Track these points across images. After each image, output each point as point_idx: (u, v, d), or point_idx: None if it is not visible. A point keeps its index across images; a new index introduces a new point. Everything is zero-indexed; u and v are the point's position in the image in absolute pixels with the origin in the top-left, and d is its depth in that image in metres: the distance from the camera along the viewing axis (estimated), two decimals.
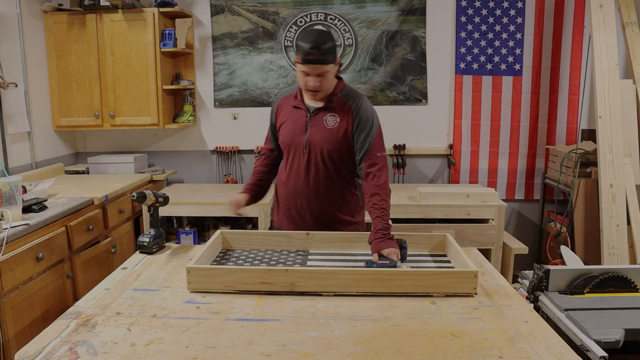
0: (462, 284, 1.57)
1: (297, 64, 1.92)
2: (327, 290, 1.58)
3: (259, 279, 1.57)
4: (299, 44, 1.87)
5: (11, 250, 2.24)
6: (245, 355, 1.23)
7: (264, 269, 1.57)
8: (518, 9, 3.93)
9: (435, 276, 1.57)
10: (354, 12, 4.01)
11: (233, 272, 1.59)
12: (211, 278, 1.58)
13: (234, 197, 2.11)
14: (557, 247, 3.38)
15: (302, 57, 1.86)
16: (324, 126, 1.99)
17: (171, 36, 3.79)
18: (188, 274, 1.58)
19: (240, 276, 1.58)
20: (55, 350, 1.25)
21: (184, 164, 4.26)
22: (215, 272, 1.59)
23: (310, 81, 1.90)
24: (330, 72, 1.92)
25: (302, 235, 2.00)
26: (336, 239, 2.00)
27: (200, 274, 1.59)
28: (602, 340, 1.41)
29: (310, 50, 1.83)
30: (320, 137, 1.99)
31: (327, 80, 1.93)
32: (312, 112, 2.01)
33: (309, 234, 2.00)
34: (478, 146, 4.10)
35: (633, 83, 3.41)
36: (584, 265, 1.97)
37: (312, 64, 1.86)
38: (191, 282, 1.59)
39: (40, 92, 3.74)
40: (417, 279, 1.57)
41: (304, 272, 1.57)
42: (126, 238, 3.44)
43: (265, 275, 1.57)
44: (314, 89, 1.92)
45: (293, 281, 1.57)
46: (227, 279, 1.58)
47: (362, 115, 1.98)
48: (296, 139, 2.03)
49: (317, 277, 1.57)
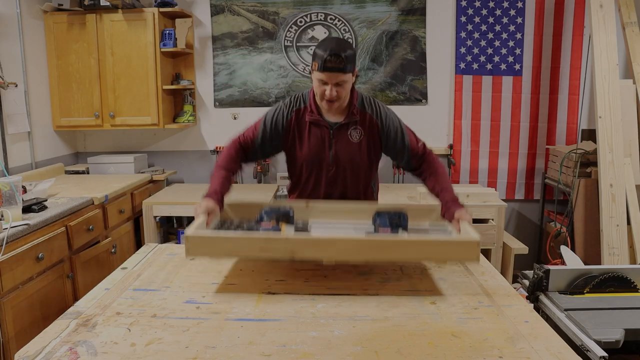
0: (464, 253, 1.53)
1: (314, 72, 1.84)
2: (328, 258, 1.55)
3: (259, 246, 1.53)
4: (317, 51, 1.81)
5: (11, 250, 2.24)
6: (245, 355, 1.23)
7: (264, 237, 1.54)
8: (518, 9, 3.93)
9: (437, 245, 1.53)
10: (354, 12, 4.01)
11: (232, 239, 1.54)
12: (210, 245, 1.54)
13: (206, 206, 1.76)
14: (557, 247, 3.38)
15: (320, 65, 1.79)
16: (349, 141, 1.96)
17: (171, 36, 3.79)
18: (187, 242, 1.53)
19: (239, 243, 1.53)
20: (55, 350, 1.25)
21: (184, 164, 4.26)
22: (214, 240, 1.55)
23: (328, 90, 1.82)
24: (348, 83, 1.85)
25: (302, 205, 1.96)
26: (337, 210, 1.96)
27: (199, 241, 1.54)
28: (602, 340, 1.41)
29: (329, 57, 1.76)
30: (346, 152, 1.96)
31: (345, 91, 1.85)
32: (335, 127, 1.95)
33: (308, 204, 1.96)
34: (478, 146, 4.10)
35: (633, 83, 3.41)
36: (584, 265, 1.98)
37: (331, 72, 1.79)
38: (190, 249, 1.53)
39: (40, 92, 3.74)
40: (419, 248, 1.53)
41: (303, 240, 1.54)
42: (126, 238, 3.44)
43: (264, 242, 1.52)
44: (330, 99, 1.84)
45: (293, 248, 1.52)
46: (227, 246, 1.54)
47: (389, 126, 1.96)
48: (320, 155, 1.97)
49: (318, 245, 1.53)
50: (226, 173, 1.91)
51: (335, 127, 1.95)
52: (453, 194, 1.85)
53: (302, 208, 1.96)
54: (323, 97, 1.85)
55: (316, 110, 1.95)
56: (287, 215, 1.80)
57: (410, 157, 1.98)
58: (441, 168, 1.97)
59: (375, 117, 1.96)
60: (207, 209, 1.74)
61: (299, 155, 1.99)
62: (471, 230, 1.61)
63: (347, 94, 1.89)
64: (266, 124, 1.98)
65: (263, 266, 1.84)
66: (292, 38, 4.05)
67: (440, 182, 1.91)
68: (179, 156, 4.26)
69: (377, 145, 2.00)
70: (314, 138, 1.96)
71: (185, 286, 1.66)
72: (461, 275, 1.76)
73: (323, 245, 1.53)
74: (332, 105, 1.88)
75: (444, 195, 1.85)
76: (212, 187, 1.84)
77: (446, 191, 1.86)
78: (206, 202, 1.76)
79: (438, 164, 1.97)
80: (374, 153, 2.01)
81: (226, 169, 1.93)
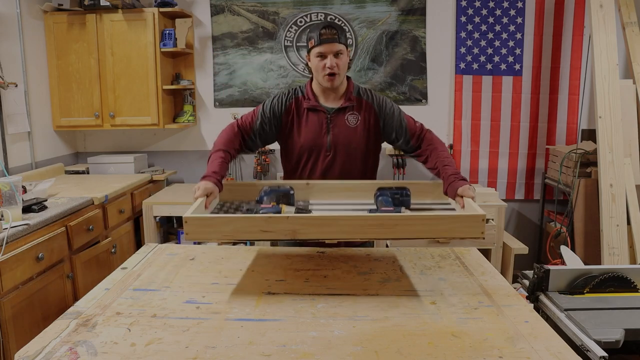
0: (469, 229, 1.48)
1: (312, 50, 1.93)
2: (330, 237, 1.51)
3: (259, 227, 1.48)
4: (311, 32, 1.91)
5: (11, 250, 2.24)
6: (245, 355, 1.23)
7: (264, 217, 1.49)
8: (518, 9, 3.93)
9: (441, 221, 1.49)
10: (354, 12, 4.01)
11: (232, 221, 1.50)
12: (210, 227, 1.49)
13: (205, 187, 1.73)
14: (557, 247, 3.38)
15: (317, 39, 1.89)
16: (346, 125, 1.99)
17: (171, 36, 3.79)
18: (185, 224, 1.49)
19: (239, 225, 1.49)
20: (55, 350, 1.25)
21: (184, 164, 4.26)
22: (213, 222, 1.51)
23: (328, 61, 1.90)
24: (344, 55, 1.93)
25: (303, 185, 1.94)
26: (338, 188, 1.93)
27: (198, 223, 1.49)
28: (602, 340, 1.41)
29: (324, 30, 1.88)
30: (344, 137, 1.99)
31: (343, 63, 1.93)
32: (332, 112, 2.00)
33: (309, 183, 1.94)
34: (478, 146, 4.10)
35: (633, 83, 3.41)
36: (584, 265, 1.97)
37: (329, 43, 1.88)
38: (189, 231, 1.49)
39: (40, 92, 3.74)
40: (422, 224, 1.49)
41: (305, 219, 1.49)
42: (126, 238, 3.44)
43: (265, 223, 1.48)
44: (331, 69, 1.90)
45: (294, 228, 1.48)
46: (226, 228, 1.49)
47: (385, 107, 2.02)
48: (317, 141, 1.99)
49: (320, 224, 1.49)
50: (224, 154, 1.90)
51: (333, 112, 1.99)
52: (455, 168, 1.83)
53: (303, 187, 1.93)
54: (324, 70, 1.91)
55: (313, 98, 2.01)
56: (288, 195, 1.78)
57: (409, 137, 2.00)
58: (441, 145, 1.96)
59: (371, 102, 2.02)
60: (206, 191, 1.71)
61: (297, 141, 2.02)
62: (475, 206, 1.58)
63: (344, 68, 1.96)
64: (265, 109, 2.02)
65: (263, 266, 1.84)
66: (292, 38, 4.05)
67: (441, 158, 1.90)
68: (179, 156, 4.26)
69: (375, 129, 2.02)
70: (312, 124, 2.00)
71: (185, 286, 1.66)
72: (461, 275, 1.76)
73: (325, 224, 1.48)
74: (333, 80, 1.93)
75: (446, 170, 1.83)
76: (211, 168, 1.82)
77: (448, 167, 1.84)
78: (205, 183, 1.73)
79: (438, 142, 1.98)
80: (372, 139, 2.03)
81: (224, 151, 1.91)
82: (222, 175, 1.82)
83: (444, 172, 1.83)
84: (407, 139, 2.01)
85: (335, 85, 1.96)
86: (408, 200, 1.76)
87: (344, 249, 2.04)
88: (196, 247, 2.10)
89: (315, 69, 1.95)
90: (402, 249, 2.06)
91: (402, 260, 1.90)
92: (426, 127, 2.03)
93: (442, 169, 1.85)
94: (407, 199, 1.76)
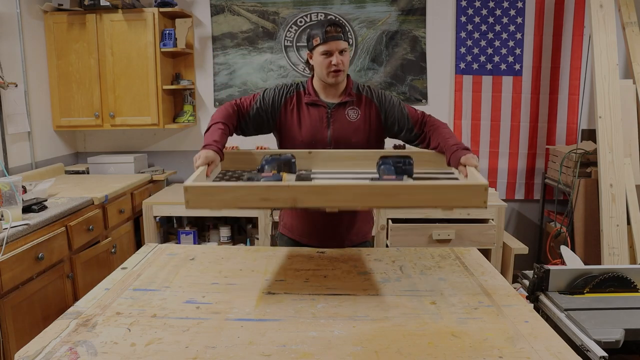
0: (471, 198, 1.46)
1: (316, 48, 1.94)
2: (331, 205, 1.50)
3: (260, 195, 1.47)
4: (314, 30, 1.93)
5: (11, 250, 2.24)
6: (245, 355, 1.23)
7: (265, 185, 1.48)
8: (518, 9, 3.93)
9: (443, 189, 1.48)
10: (354, 12, 4.01)
11: (232, 189, 1.49)
12: (210, 196, 1.49)
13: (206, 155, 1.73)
14: (557, 247, 3.38)
15: (322, 37, 1.91)
16: (347, 120, 2.01)
17: (171, 36, 3.79)
18: (186, 193, 1.48)
19: (239, 193, 1.48)
20: (55, 350, 1.25)
21: (184, 164, 4.26)
22: (213, 190, 1.50)
23: (334, 58, 1.92)
24: (347, 53, 1.96)
25: (305, 154, 1.93)
26: (341, 157, 1.93)
27: (198, 192, 1.49)
28: (602, 340, 1.41)
29: (329, 27, 1.90)
30: (345, 131, 2.00)
31: (347, 60, 1.97)
32: (332, 107, 2.01)
33: (311, 152, 1.94)
34: (478, 146, 4.10)
35: (633, 83, 3.41)
36: (584, 265, 1.97)
37: (334, 40, 1.91)
38: (189, 200, 1.49)
39: (40, 92, 3.75)
40: (424, 193, 1.47)
41: (306, 188, 1.48)
42: (126, 238, 3.44)
43: (265, 191, 1.47)
44: (337, 67, 1.92)
45: (295, 197, 1.46)
46: (227, 197, 1.48)
47: (385, 99, 2.03)
48: (318, 136, 2.00)
49: (320, 192, 1.47)
50: (224, 126, 1.89)
51: (333, 107, 2.01)
52: (456, 139, 1.84)
53: (305, 155, 1.93)
54: (330, 68, 1.93)
55: (314, 93, 2.03)
56: (289, 162, 1.78)
57: (412, 125, 2.00)
58: (443, 125, 1.96)
59: (371, 97, 2.04)
60: (207, 159, 1.71)
61: (297, 135, 2.02)
62: (478, 175, 1.58)
63: (348, 65, 1.98)
64: (265, 96, 2.03)
65: (263, 266, 1.84)
66: (292, 38, 4.05)
67: (443, 134, 1.89)
68: (179, 156, 4.26)
69: (377, 124, 2.02)
70: (313, 119, 2.01)
71: (185, 286, 1.66)
72: (461, 275, 1.76)
73: (326, 192, 1.47)
74: (338, 77, 1.96)
75: (447, 141, 1.83)
76: (211, 137, 1.81)
77: (449, 139, 1.84)
78: (205, 152, 1.73)
79: (439, 122, 1.97)
80: (373, 134, 2.03)
81: (223, 123, 1.90)
82: (223, 144, 1.82)
83: (445, 143, 1.83)
84: (409, 127, 2.01)
85: (339, 81, 1.98)
86: (411, 169, 1.75)
87: (343, 250, 2.04)
88: (196, 247, 2.10)
89: (320, 66, 1.96)
90: (402, 249, 2.06)
91: (402, 260, 1.90)
92: (427, 113, 2.04)
93: (444, 141, 1.85)
94: (409, 168, 1.74)
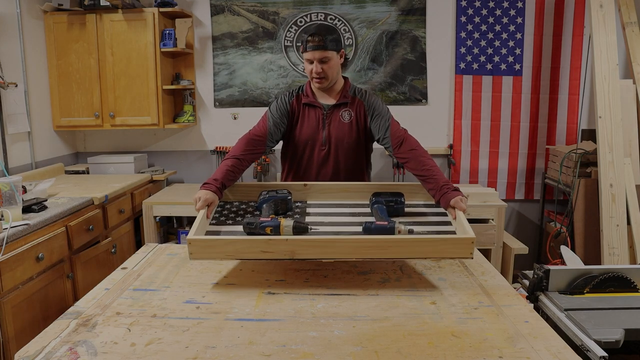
0: (459, 250, 1.57)
1: (302, 55, 2.10)
2: (328, 257, 1.61)
3: (260, 248, 1.57)
4: (302, 35, 2.07)
5: (11, 250, 2.24)
6: (245, 355, 1.23)
7: (265, 239, 1.57)
8: (518, 9, 3.93)
9: (432, 243, 1.58)
10: (354, 12, 4.01)
11: (234, 242, 1.58)
12: (212, 248, 1.58)
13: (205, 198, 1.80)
14: (557, 247, 3.38)
15: (304, 45, 2.06)
16: (340, 121, 2.14)
17: (171, 36, 3.79)
18: (189, 245, 1.56)
19: (241, 246, 1.58)
20: (55, 350, 1.25)
21: (184, 164, 4.26)
22: (216, 243, 1.59)
23: (314, 67, 2.05)
24: (333, 60, 2.06)
25: (300, 186, 2.06)
26: (334, 189, 2.06)
27: (201, 244, 1.58)
28: (602, 340, 1.41)
29: (310, 37, 2.03)
30: (339, 132, 2.14)
31: (330, 68, 2.07)
32: (328, 109, 2.14)
33: (306, 185, 2.06)
34: (478, 146, 4.10)
35: (633, 83, 3.41)
36: (584, 265, 1.97)
37: (313, 50, 2.03)
38: (193, 252, 1.57)
39: (40, 92, 3.74)
40: (414, 245, 1.58)
41: (304, 241, 1.58)
42: (126, 238, 3.44)
43: (265, 244, 1.57)
44: (317, 75, 2.06)
45: (293, 249, 1.57)
46: (228, 249, 1.58)
47: (373, 103, 2.15)
48: (314, 136, 2.15)
49: (318, 245, 1.57)
50: (232, 161, 1.97)
51: (328, 108, 2.14)
52: (445, 178, 1.90)
53: (300, 188, 2.06)
54: (312, 74, 2.08)
55: (311, 95, 2.16)
56: (285, 200, 1.89)
57: (390, 140, 2.07)
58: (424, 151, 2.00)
59: (363, 100, 2.16)
60: (207, 202, 1.79)
61: (298, 135, 2.17)
62: (465, 224, 1.66)
63: (333, 72, 2.09)
64: (272, 111, 2.16)
65: (263, 266, 1.84)
66: (292, 38, 4.05)
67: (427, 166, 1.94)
68: (179, 156, 4.26)
69: (364, 126, 2.16)
70: (310, 119, 2.16)
71: (185, 286, 1.66)
72: (461, 275, 1.76)
73: (323, 245, 1.57)
74: (321, 83, 2.09)
75: (437, 180, 1.88)
76: (214, 175, 1.91)
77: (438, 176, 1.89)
78: (204, 193, 1.81)
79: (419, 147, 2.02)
80: (362, 135, 2.17)
81: (233, 158, 1.99)
82: (223, 181, 1.89)
83: (435, 182, 1.89)
84: (389, 135, 2.08)
85: (323, 87, 2.13)
86: (402, 208, 1.89)
87: None
88: None
89: (306, 72, 2.13)
90: None
91: (402, 261, 1.90)
92: (410, 134, 2.09)
93: (432, 178, 1.90)
94: (401, 207, 1.88)
